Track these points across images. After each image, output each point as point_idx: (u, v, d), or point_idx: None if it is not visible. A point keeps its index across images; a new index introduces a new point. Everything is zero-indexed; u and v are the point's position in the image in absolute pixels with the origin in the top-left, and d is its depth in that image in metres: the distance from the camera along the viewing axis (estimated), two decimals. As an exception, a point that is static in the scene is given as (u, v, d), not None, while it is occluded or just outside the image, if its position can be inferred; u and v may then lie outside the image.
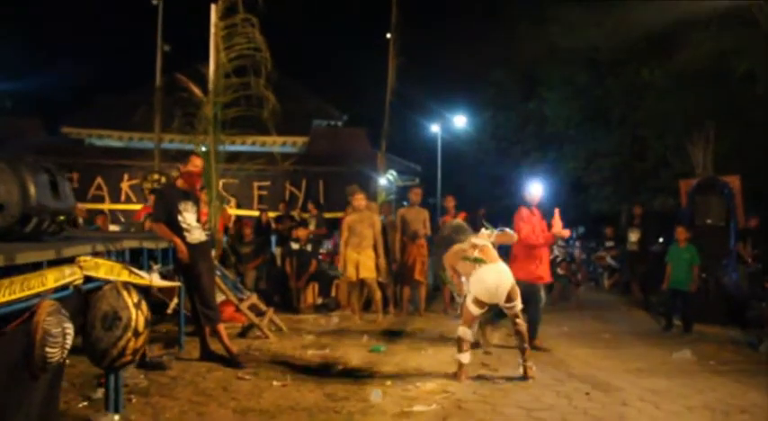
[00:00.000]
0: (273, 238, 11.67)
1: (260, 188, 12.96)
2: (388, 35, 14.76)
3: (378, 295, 8.86)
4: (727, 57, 11.38)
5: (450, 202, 10.06)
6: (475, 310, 5.55)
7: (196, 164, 5.85)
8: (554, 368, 6.12)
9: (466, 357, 5.58)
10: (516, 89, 23.15)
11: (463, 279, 5.80)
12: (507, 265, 5.79)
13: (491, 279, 5.47)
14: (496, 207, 24.29)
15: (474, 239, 5.73)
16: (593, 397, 5.12)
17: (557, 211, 6.89)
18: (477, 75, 26.51)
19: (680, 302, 8.61)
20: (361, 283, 8.84)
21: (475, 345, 6.34)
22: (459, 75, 29.41)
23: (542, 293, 7.22)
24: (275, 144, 13.13)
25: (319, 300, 9.89)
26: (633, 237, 11.11)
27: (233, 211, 11.70)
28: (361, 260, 8.68)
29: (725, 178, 10.66)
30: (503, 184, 27.02)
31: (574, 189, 21.17)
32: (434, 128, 28.73)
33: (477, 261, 5.55)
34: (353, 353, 6.58)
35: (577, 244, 17.26)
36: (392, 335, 7.78)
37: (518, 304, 5.63)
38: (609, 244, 13.16)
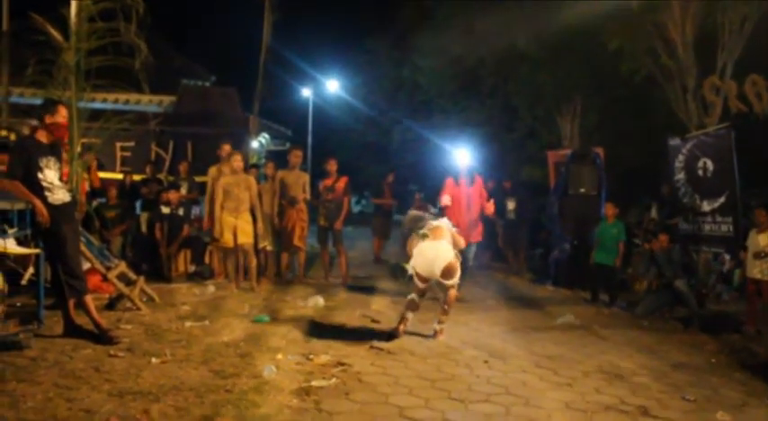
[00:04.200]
0: (138, 203, 10.82)
1: (123, 149, 11.97)
2: None
3: (254, 262, 8.39)
4: (599, 34, 11.66)
5: (333, 166, 9.59)
6: (417, 283, 5.83)
7: (64, 114, 5.14)
8: (446, 336, 5.99)
9: (410, 315, 5.96)
10: (390, 56, 22.88)
11: None
12: None
13: (428, 253, 5.64)
14: (365, 175, 24.27)
15: (434, 222, 6.02)
16: (492, 365, 5.05)
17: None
18: (352, 39, 26.13)
19: (606, 276, 8.79)
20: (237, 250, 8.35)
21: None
22: (334, 38, 28.95)
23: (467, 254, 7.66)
24: (140, 102, 12.12)
25: (192, 268, 9.27)
26: (510, 205, 11.26)
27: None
28: (238, 225, 8.20)
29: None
30: (374, 152, 26.99)
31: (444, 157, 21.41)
32: (305, 92, 28.14)
33: (423, 236, 5.76)
34: (236, 325, 6.13)
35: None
36: (273, 304, 7.40)
37: (454, 282, 5.78)
38: None
